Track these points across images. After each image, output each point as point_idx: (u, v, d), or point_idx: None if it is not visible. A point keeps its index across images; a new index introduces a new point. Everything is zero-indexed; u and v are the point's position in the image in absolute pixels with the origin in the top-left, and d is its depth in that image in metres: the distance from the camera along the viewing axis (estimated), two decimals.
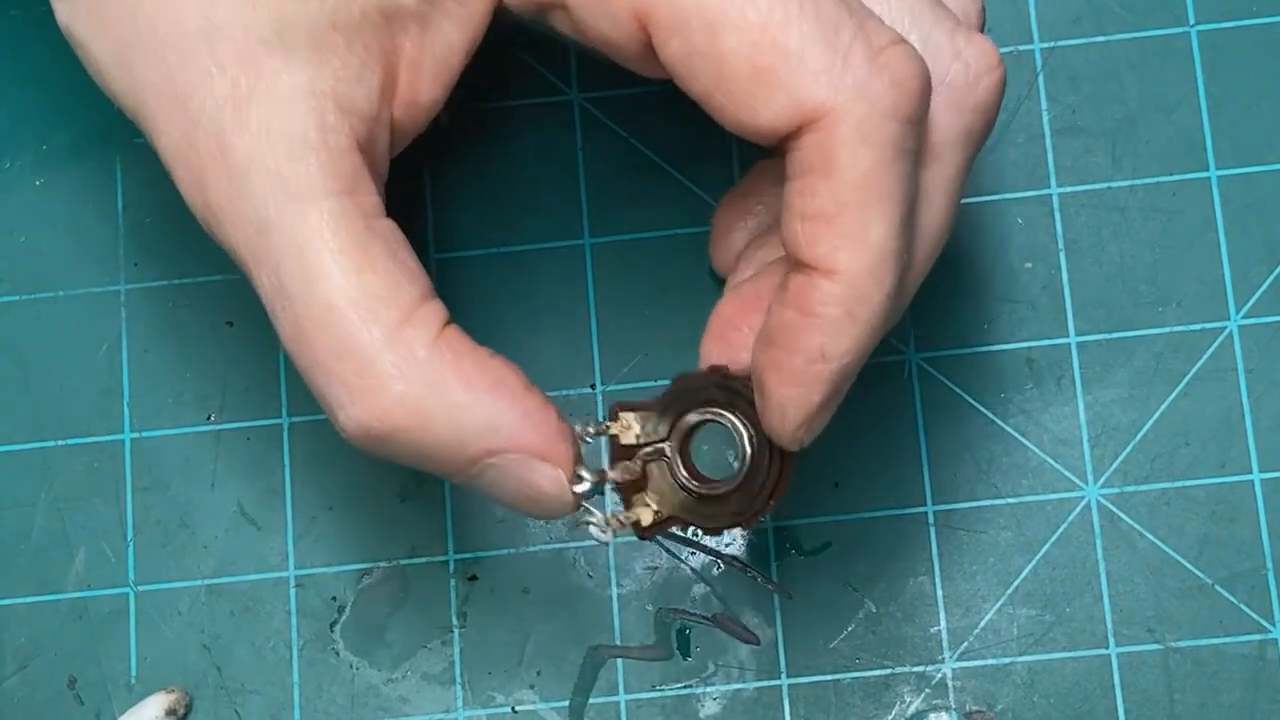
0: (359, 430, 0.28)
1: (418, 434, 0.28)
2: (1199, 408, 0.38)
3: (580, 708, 0.38)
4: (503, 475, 0.29)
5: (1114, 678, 0.37)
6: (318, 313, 0.27)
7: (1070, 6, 0.40)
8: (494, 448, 0.28)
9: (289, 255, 0.27)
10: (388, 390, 0.27)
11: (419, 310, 0.28)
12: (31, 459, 0.40)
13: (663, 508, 0.31)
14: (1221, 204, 0.39)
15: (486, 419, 0.28)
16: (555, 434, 0.29)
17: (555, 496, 0.29)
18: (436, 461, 0.29)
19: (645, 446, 0.31)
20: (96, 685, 0.39)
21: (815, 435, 0.30)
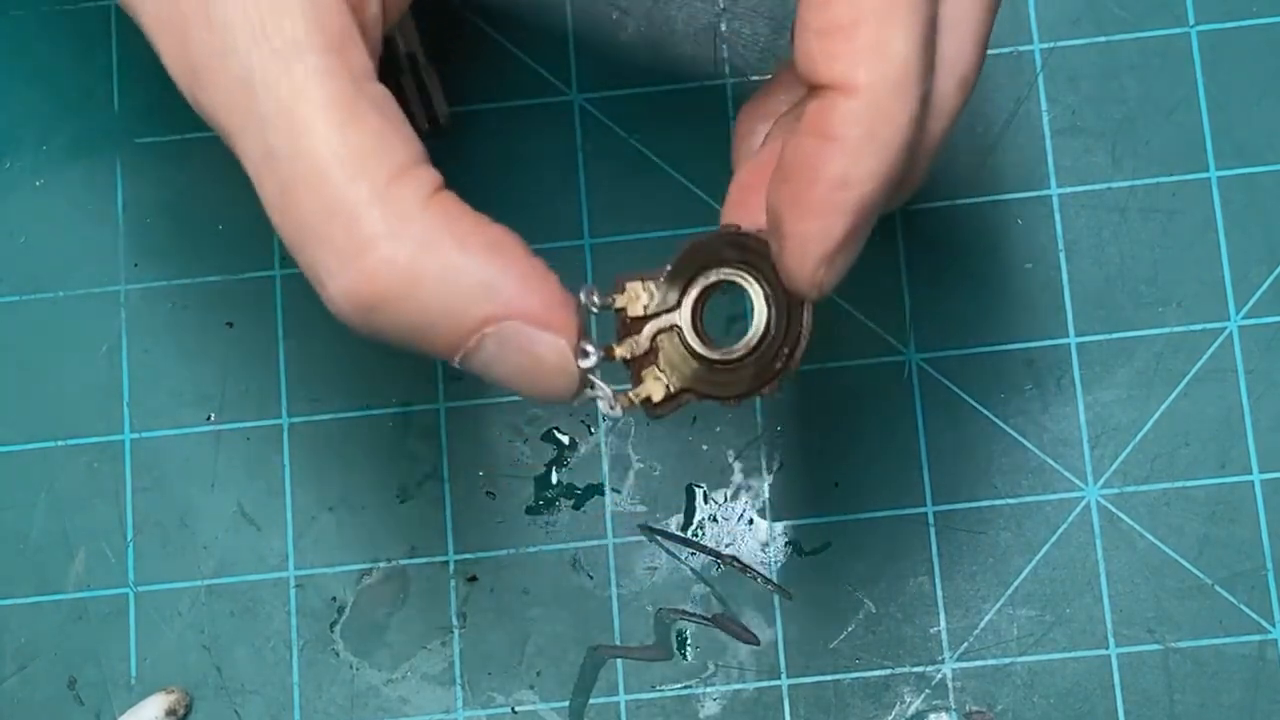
0: (349, 301, 0.26)
1: (410, 300, 0.26)
2: (1199, 408, 0.38)
3: (580, 708, 0.38)
4: (502, 347, 0.27)
5: (1114, 678, 0.37)
6: (304, 170, 0.26)
7: (1070, 6, 0.40)
8: (492, 313, 0.26)
9: (274, 112, 0.26)
10: (377, 250, 0.26)
11: (411, 171, 0.27)
12: (31, 459, 0.40)
13: (675, 381, 0.29)
14: (1221, 204, 0.39)
15: (483, 281, 0.26)
16: (558, 301, 0.27)
17: (559, 368, 0.27)
18: (432, 334, 0.27)
19: (654, 318, 0.29)
20: (96, 685, 0.39)
21: (837, 279, 0.28)
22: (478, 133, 0.40)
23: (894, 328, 0.39)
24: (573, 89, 0.40)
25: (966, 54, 0.28)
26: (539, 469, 0.39)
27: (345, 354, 0.40)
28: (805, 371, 0.39)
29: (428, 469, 0.39)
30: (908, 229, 0.39)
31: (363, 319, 0.27)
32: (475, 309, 0.26)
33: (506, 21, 0.41)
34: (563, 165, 0.40)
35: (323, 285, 0.27)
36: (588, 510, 0.39)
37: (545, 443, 0.39)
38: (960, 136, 0.40)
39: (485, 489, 0.39)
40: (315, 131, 0.26)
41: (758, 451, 0.39)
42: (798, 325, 0.29)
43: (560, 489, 0.39)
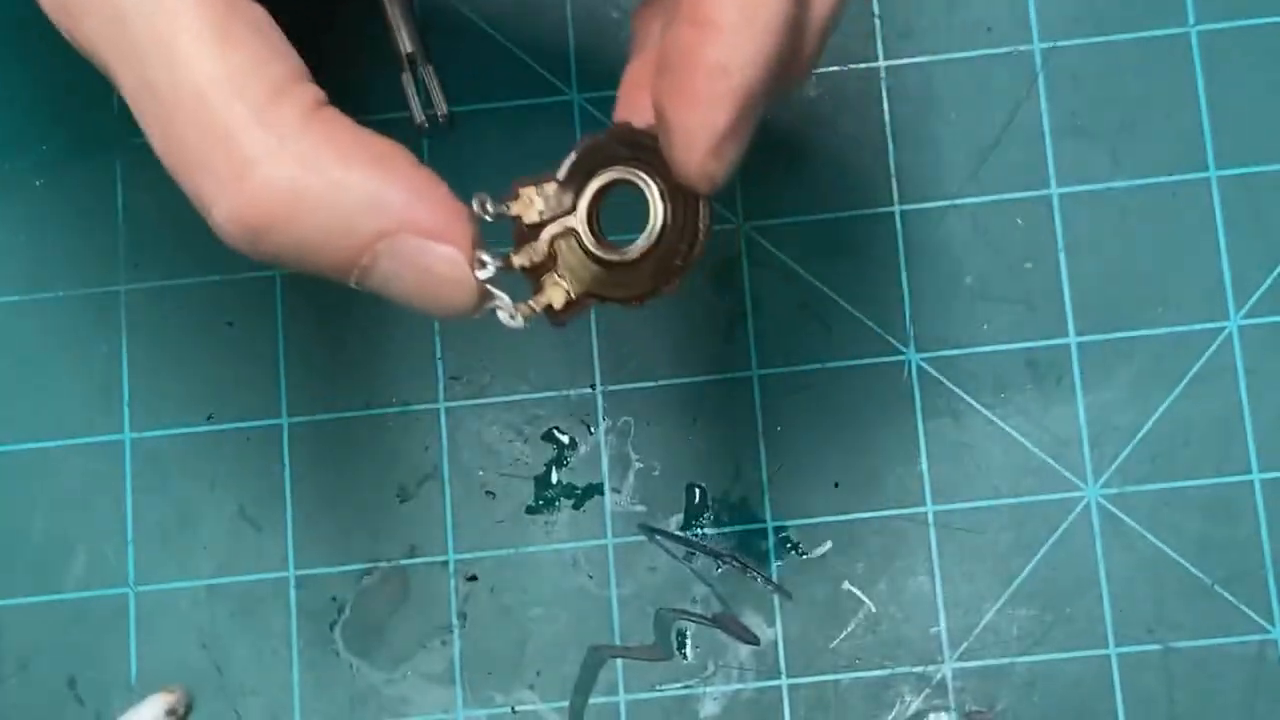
0: (235, 225, 0.26)
1: (296, 220, 0.25)
2: (1199, 408, 0.38)
3: (580, 708, 0.38)
4: (396, 262, 0.26)
5: (1114, 678, 0.37)
6: (180, 97, 0.25)
7: (1070, 6, 0.40)
8: (381, 228, 0.26)
9: (148, 43, 0.26)
10: (258, 172, 0.25)
11: (290, 89, 0.26)
12: (31, 459, 0.40)
13: (575, 286, 0.28)
14: (1221, 204, 0.39)
15: (368, 195, 0.26)
16: (449, 211, 0.26)
17: (455, 280, 0.26)
18: (323, 255, 0.26)
19: (551, 222, 0.28)
20: (96, 685, 0.39)
21: (727, 170, 0.27)
22: (478, 133, 0.40)
23: (894, 328, 0.39)
24: (573, 89, 0.40)
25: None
26: (539, 469, 0.39)
27: (345, 354, 0.40)
28: (805, 371, 0.39)
29: (428, 469, 0.39)
30: (907, 229, 0.39)
31: (251, 243, 0.26)
32: (363, 224, 0.26)
33: (506, 21, 0.41)
34: None
35: (208, 212, 0.26)
36: (588, 510, 0.39)
37: (545, 443, 0.39)
38: (960, 136, 0.40)
39: (485, 489, 0.39)
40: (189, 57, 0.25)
41: (758, 451, 0.39)
42: (694, 220, 0.28)
43: (560, 489, 0.39)
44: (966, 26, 0.40)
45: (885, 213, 0.39)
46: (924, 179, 0.40)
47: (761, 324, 0.39)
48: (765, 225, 0.40)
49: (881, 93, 0.40)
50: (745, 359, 0.39)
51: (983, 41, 0.40)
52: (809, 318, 0.39)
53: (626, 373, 0.39)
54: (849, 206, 0.39)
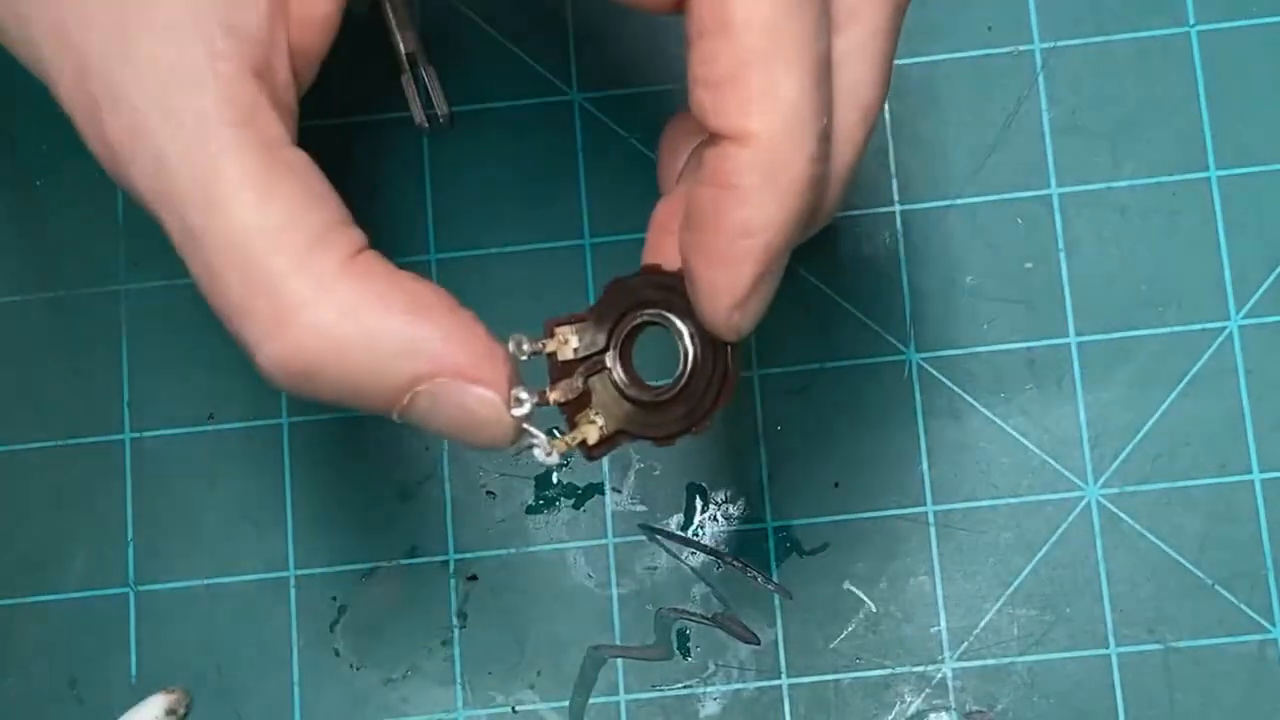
0: (278, 368, 0.27)
1: (336, 366, 0.26)
2: (1199, 408, 0.38)
3: (580, 708, 0.38)
4: (435, 403, 0.27)
5: (1114, 678, 0.37)
6: (223, 246, 0.26)
7: (1070, 6, 0.40)
8: (419, 372, 0.27)
9: (189, 191, 0.26)
10: (298, 320, 0.26)
11: (328, 235, 0.27)
12: (31, 459, 0.40)
13: (608, 423, 0.29)
14: (1221, 204, 0.39)
15: (407, 341, 0.26)
16: (484, 354, 0.27)
17: (492, 420, 0.27)
18: (365, 395, 0.27)
19: (585, 360, 0.29)
20: (96, 685, 0.39)
21: (753, 321, 0.28)
22: (478, 133, 0.40)
23: (894, 328, 0.39)
24: (573, 89, 0.40)
25: (867, 82, 0.28)
26: (539, 469, 0.39)
27: None
28: (805, 371, 0.39)
29: (428, 469, 0.39)
30: (907, 229, 0.39)
31: (295, 386, 0.27)
32: (402, 369, 0.27)
33: (506, 21, 0.41)
34: (563, 165, 0.40)
35: (253, 355, 0.27)
36: (588, 510, 0.39)
37: None
38: (960, 136, 0.40)
39: (485, 489, 0.39)
40: (231, 208, 0.26)
41: (758, 451, 0.39)
42: (723, 362, 0.28)
43: (560, 489, 0.39)
44: (966, 26, 0.40)
45: (885, 213, 0.39)
46: (924, 179, 0.40)
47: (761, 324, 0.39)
48: None
49: None
50: (745, 359, 0.39)
51: (983, 41, 0.40)
52: (809, 318, 0.39)
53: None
54: (849, 206, 0.40)
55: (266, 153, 0.27)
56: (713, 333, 0.28)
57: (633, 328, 0.29)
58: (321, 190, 0.27)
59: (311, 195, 0.27)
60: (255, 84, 0.27)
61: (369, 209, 0.40)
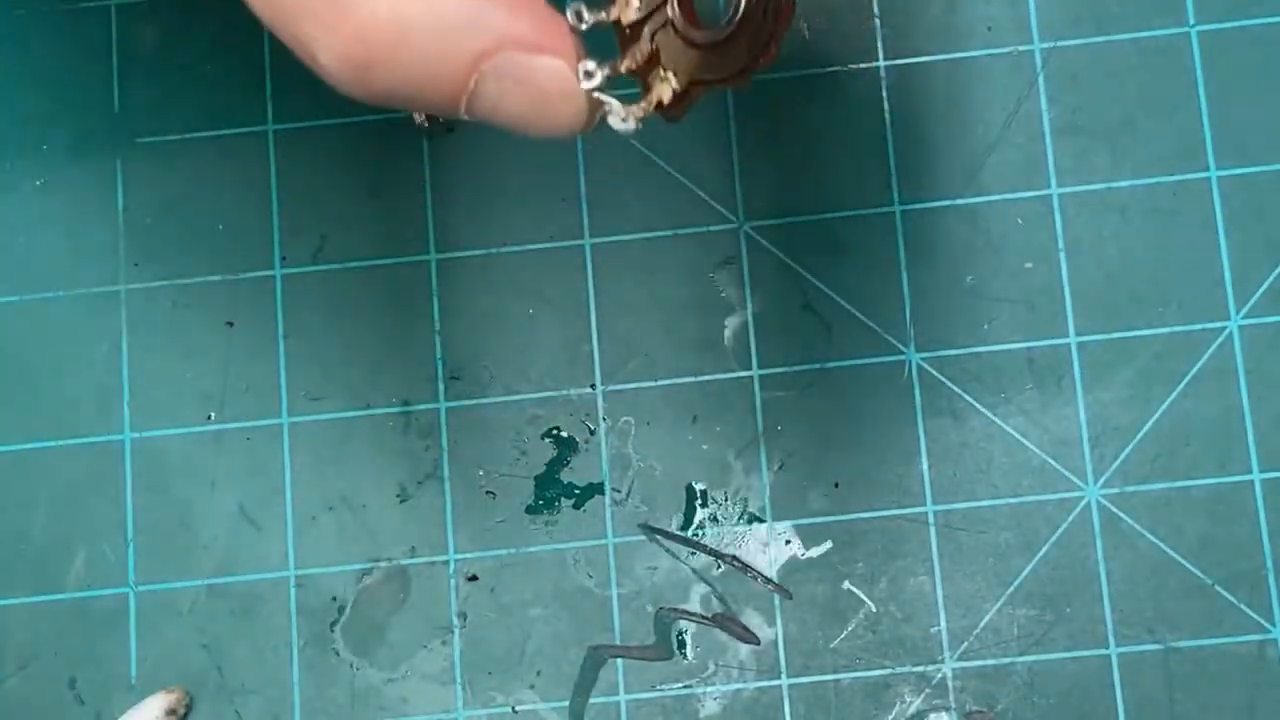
0: (341, 64, 0.26)
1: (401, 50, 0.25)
2: (1199, 408, 0.38)
3: (580, 708, 0.38)
4: (502, 82, 0.26)
5: (1114, 678, 0.37)
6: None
7: (1070, 6, 0.40)
8: (483, 47, 0.26)
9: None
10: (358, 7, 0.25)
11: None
12: (31, 459, 0.40)
13: (680, 77, 0.28)
14: (1221, 204, 0.39)
15: (466, 15, 0.25)
16: (550, 24, 0.26)
17: (563, 93, 0.26)
18: (430, 84, 0.26)
19: (648, 18, 0.28)
20: (96, 685, 0.39)
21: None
22: (478, 132, 0.40)
23: (894, 328, 0.39)
24: None
25: None
26: (539, 469, 0.39)
27: (345, 354, 0.40)
28: (805, 371, 0.39)
29: (428, 469, 0.39)
30: (907, 229, 0.39)
31: (361, 82, 0.26)
32: (465, 46, 0.26)
33: None
34: (563, 165, 0.40)
35: (315, 58, 0.26)
36: (588, 510, 0.39)
37: (545, 442, 0.39)
38: (960, 136, 0.40)
39: (485, 489, 0.39)
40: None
41: (758, 451, 0.39)
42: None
43: (560, 489, 0.39)
44: (966, 26, 0.40)
45: (885, 213, 0.39)
46: (924, 179, 0.40)
47: (761, 324, 0.39)
48: (765, 225, 0.40)
49: (881, 93, 0.40)
50: (745, 359, 0.39)
51: (983, 41, 0.40)
52: (809, 318, 0.39)
53: (626, 373, 0.39)
54: (849, 206, 0.40)
55: None
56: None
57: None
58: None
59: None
60: None
61: (369, 209, 0.40)
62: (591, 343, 0.39)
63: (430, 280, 0.40)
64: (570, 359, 0.39)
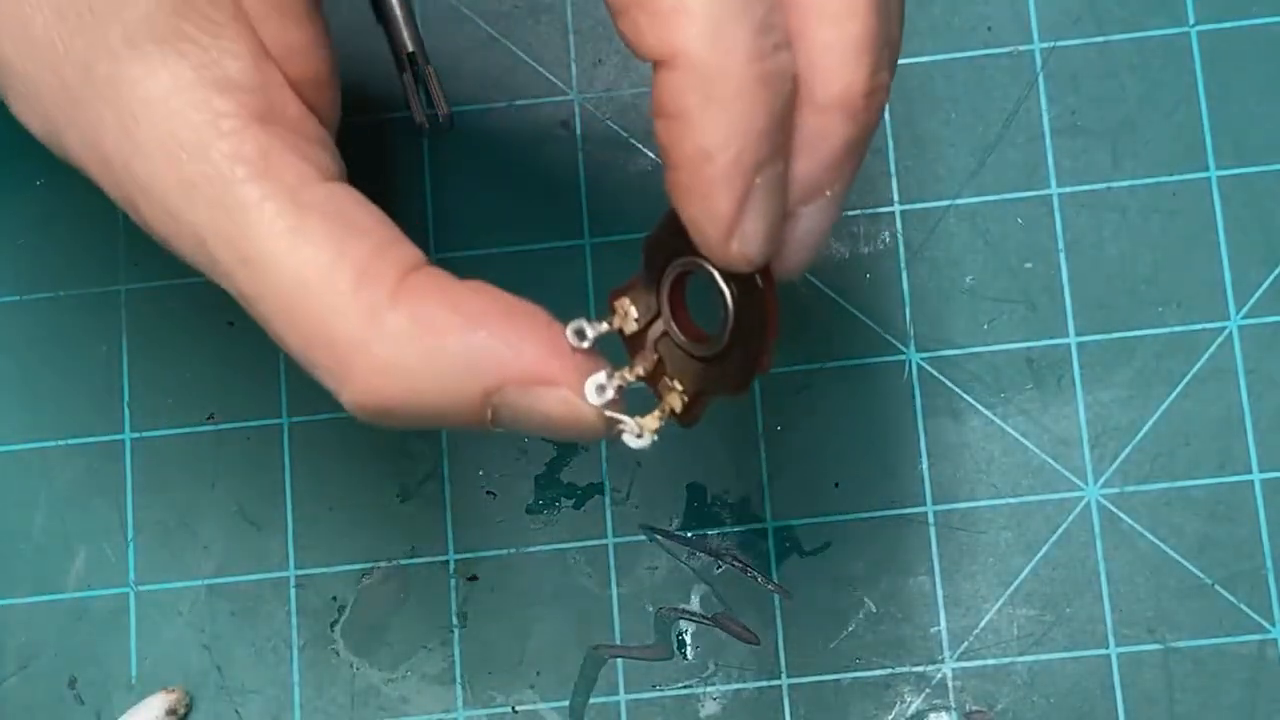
0: (360, 412, 0.26)
1: (409, 397, 0.26)
2: (1199, 408, 0.38)
3: (580, 708, 0.38)
4: (515, 412, 0.26)
5: (1114, 678, 0.37)
6: (275, 306, 0.26)
7: (1070, 6, 0.40)
8: (485, 387, 0.26)
9: (231, 259, 0.26)
10: (362, 361, 0.25)
11: (372, 266, 0.26)
12: (31, 459, 0.40)
13: (686, 386, 0.27)
14: (1221, 204, 0.39)
15: (464, 361, 0.26)
16: (546, 353, 0.26)
17: (572, 417, 0.26)
18: (448, 417, 0.26)
19: (649, 327, 0.27)
20: (96, 685, 0.39)
21: (762, 247, 0.25)
22: (478, 133, 0.40)
23: (894, 328, 0.39)
24: (573, 89, 0.40)
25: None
26: (539, 469, 0.39)
27: None
28: (805, 371, 0.39)
29: (428, 469, 0.39)
30: (907, 229, 0.39)
31: (384, 422, 0.27)
32: (470, 387, 0.26)
33: (506, 21, 0.41)
34: (563, 165, 0.40)
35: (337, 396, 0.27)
36: (588, 510, 0.39)
37: (545, 443, 0.39)
38: (960, 136, 0.40)
39: (485, 489, 0.39)
40: (267, 266, 0.26)
41: (758, 451, 0.39)
42: (759, 296, 0.26)
43: (560, 489, 0.39)
44: (966, 26, 0.40)
45: (885, 213, 0.39)
46: (924, 179, 0.40)
47: None
48: None
49: None
50: None
51: (983, 41, 0.40)
52: (809, 318, 0.39)
53: None
54: (849, 206, 0.40)
55: (291, 199, 0.26)
56: (728, 267, 0.26)
57: (674, 281, 0.27)
58: (359, 219, 0.27)
59: (349, 228, 0.26)
60: (263, 131, 0.26)
61: None
62: None
63: None
64: None
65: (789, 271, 0.27)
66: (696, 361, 0.27)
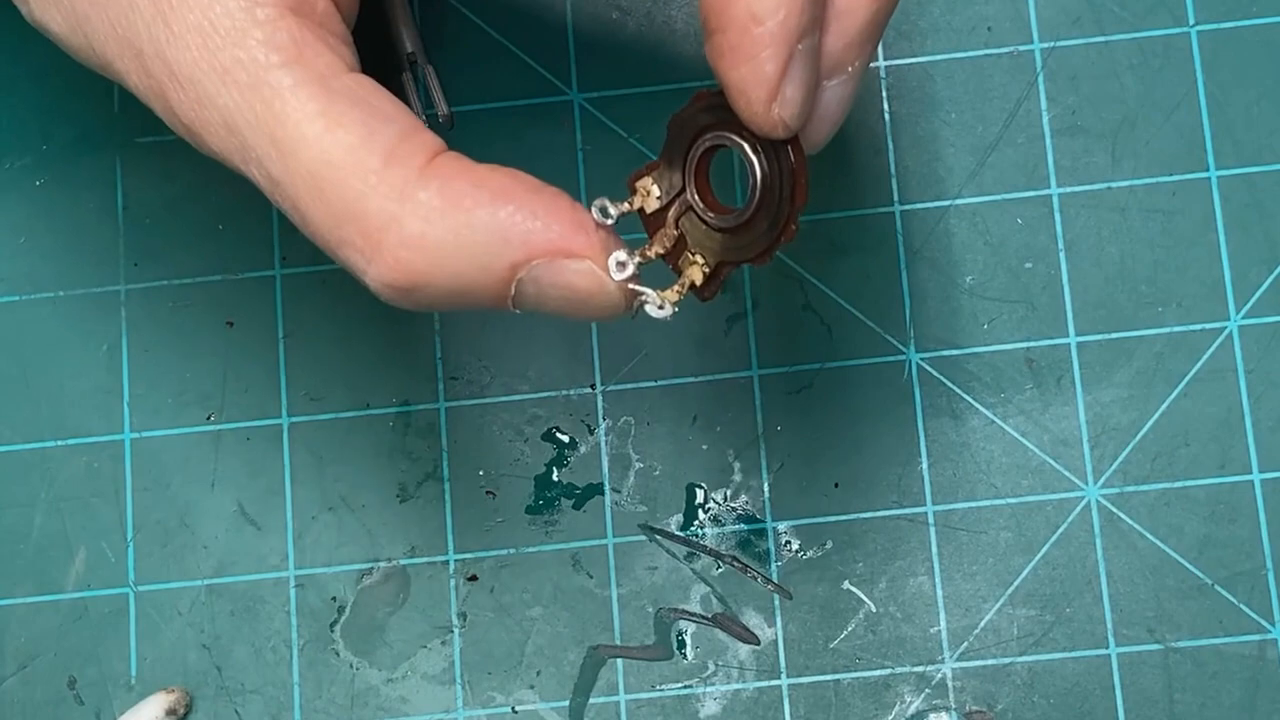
0: (386, 289, 0.27)
1: (437, 272, 0.27)
2: (1199, 408, 0.38)
3: (580, 708, 0.38)
4: (540, 286, 0.27)
5: (1114, 678, 0.37)
6: (302, 186, 0.27)
7: (1070, 6, 0.40)
8: (513, 260, 0.27)
9: (262, 142, 0.27)
10: (389, 238, 0.27)
11: (400, 148, 0.27)
12: (31, 459, 0.40)
13: (708, 258, 0.29)
14: (1221, 204, 0.39)
15: (493, 234, 0.27)
16: (574, 226, 0.27)
17: (597, 289, 0.27)
18: (472, 295, 0.27)
19: (670, 205, 0.29)
20: (96, 685, 0.39)
21: (798, 112, 0.27)
22: (478, 133, 0.40)
23: (894, 328, 0.39)
24: (573, 89, 0.40)
25: None
26: (539, 469, 0.39)
27: (345, 354, 0.40)
28: (806, 371, 0.39)
29: (428, 469, 0.39)
30: (907, 229, 0.39)
31: (408, 300, 0.27)
32: (495, 261, 0.27)
33: (506, 21, 0.41)
34: (563, 165, 0.40)
35: (363, 278, 0.28)
36: (588, 510, 0.39)
37: (545, 443, 0.39)
38: (960, 136, 0.40)
39: (485, 489, 0.39)
40: (299, 147, 0.27)
41: (758, 451, 0.39)
42: (788, 165, 0.28)
43: (560, 489, 0.39)
44: (966, 26, 0.40)
45: (885, 213, 0.39)
46: (924, 179, 0.40)
47: (761, 324, 0.39)
48: None
49: (881, 93, 0.40)
50: (745, 359, 0.39)
51: (983, 41, 0.40)
52: (809, 318, 0.39)
53: (626, 373, 0.39)
54: (849, 206, 0.40)
55: (321, 85, 0.27)
56: (760, 133, 0.27)
57: (700, 156, 0.29)
58: (385, 106, 0.28)
59: (376, 114, 0.27)
60: (296, 21, 0.27)
61: None
62: (591, 342, 0.39)
63: None
64: (570, 359, 0.39)
65: (813, 145, 0.28)
66: (719, 234, 0.29)
